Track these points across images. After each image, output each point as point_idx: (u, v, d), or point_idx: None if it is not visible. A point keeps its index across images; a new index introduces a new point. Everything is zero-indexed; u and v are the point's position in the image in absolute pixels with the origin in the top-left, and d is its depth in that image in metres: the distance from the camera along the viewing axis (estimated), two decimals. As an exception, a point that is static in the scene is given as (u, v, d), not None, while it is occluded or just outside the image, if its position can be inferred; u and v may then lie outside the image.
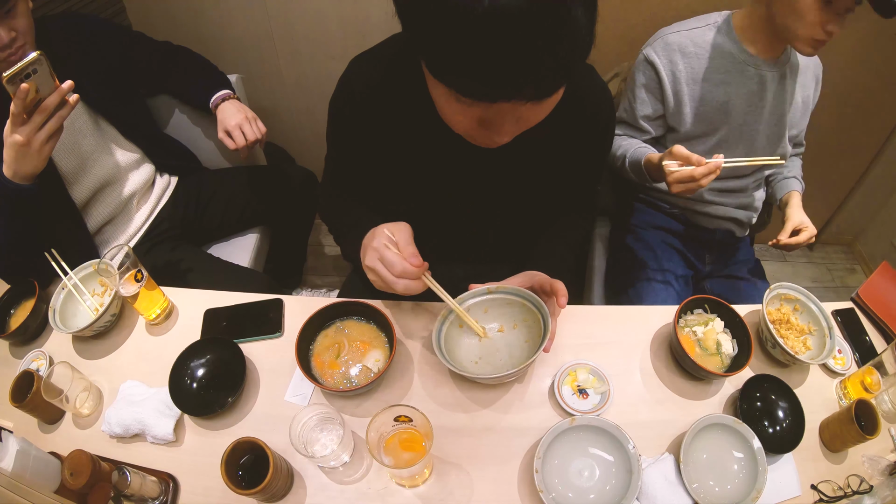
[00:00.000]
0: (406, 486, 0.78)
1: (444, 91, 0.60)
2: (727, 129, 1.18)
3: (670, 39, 1.15)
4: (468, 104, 0.59)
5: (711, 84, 1.14)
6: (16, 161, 0.87)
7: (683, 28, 1.15)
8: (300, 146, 2.04)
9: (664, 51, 1.15)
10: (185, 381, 0.86)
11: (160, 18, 1.70)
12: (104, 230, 1.24)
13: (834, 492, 0.80)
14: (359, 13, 1.63)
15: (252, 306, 0.98)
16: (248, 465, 0.74)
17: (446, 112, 0.66)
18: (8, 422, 0.85)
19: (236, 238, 1.51)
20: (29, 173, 0.89)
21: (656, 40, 1.17)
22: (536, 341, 0.83)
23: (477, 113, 0.62)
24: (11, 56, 0.99)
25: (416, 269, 0.74)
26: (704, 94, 1.15)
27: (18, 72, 0.78)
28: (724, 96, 1.15)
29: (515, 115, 0.62)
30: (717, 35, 1.13)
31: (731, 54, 1.12)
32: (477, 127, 0.66)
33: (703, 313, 0.95)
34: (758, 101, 1.16)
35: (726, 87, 1.14)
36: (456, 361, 0.83)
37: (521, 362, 0.83)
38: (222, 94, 1.29)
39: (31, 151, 0.86)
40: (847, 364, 0.95)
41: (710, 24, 1.14)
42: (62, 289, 0.96)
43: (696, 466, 0.79)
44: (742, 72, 1.13)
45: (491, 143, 0.69)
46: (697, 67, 1.14)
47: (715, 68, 1.13)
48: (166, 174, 1.40)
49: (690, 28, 1.15)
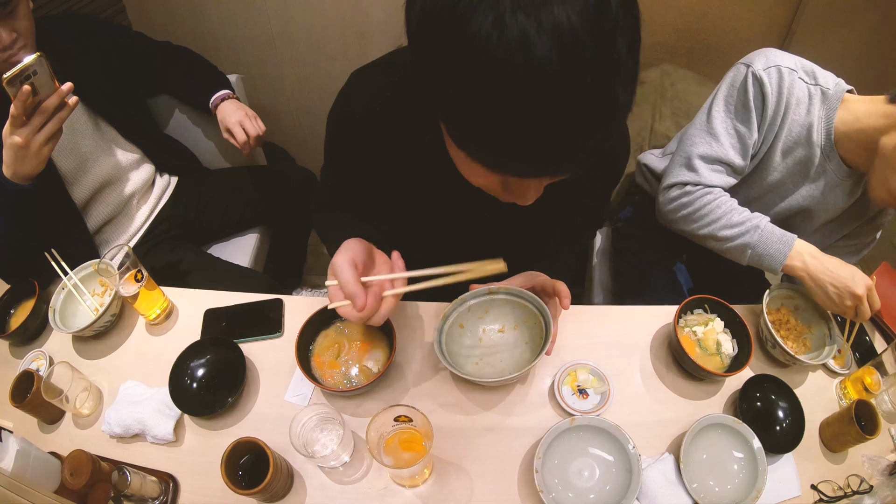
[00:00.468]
0: (406, 486, 0.78)
1: (465, 155, 0.52)
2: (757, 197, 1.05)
3: (784, 76, 0.93)
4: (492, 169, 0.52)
5: (780, 146, 0.97)
6: (15, 162, 0.87)
7: (797, 72, 0.94)
8: (300, 146, 2.04)
9: (777, 84, 0.93)
10: (185, 381, 0.86)
11: (160, 18, 1.70)
12: (104, 230, 1.24)
13: (834, 492, 0.80)
14: (359, 13, 1.63)
15: (252, 306, 0.98)
16: (248, 465, 0.74)
17: (464, 170, 0.59)
18: (8, 422, 0.85)
19: (236, 238, 1.51)
20: (28, 174, 0.89)
21: (771, 67, 0.93)
22: (537, 342, 0.83)
23: (501, 179, 0.57)
24: (12, 57, 0.99)
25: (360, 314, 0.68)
26: (771, 155, 0.98)
27: (18, 73, 0.77)
28: (782, 167, 0.99)
29: (543, 182, 0.57)
30: (818, 104, 0.94)
31: (817, 132, 0.95)
32: (500, 188, 0.60)
33: (703, 313, 0.95)
34: (801, 193, 1.02)
35: (787, 160, 0.99)
36: (457, 363, 0.83)
37: (523, 363, 0.84)
38: (221, 94, 1.30)
39: (30, 153, 0.86)
40: (847, 364, 0.95)
41: (819, 87, 0.94)
42: (62, 289, 0.96)
43: (696, 466, 0.79)
44: (811, 156, 0.97)
45: (511, 201, 0.62)
46: (786, 123, 0.96)
47: (794, 136, 0.96)
48: (166, 174, 1.40)
49: (801, 78, 0.94)
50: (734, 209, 0.99)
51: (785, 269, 0.94)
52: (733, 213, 0.98)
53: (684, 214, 1.02)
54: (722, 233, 0.98)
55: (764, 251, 0.95)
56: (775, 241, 0.95)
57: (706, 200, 0.99)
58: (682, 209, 1.02)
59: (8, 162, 0.88)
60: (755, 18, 1.63)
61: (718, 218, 0.98)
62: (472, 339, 0.88)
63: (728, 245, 0.99)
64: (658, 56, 1.71)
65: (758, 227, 0.96)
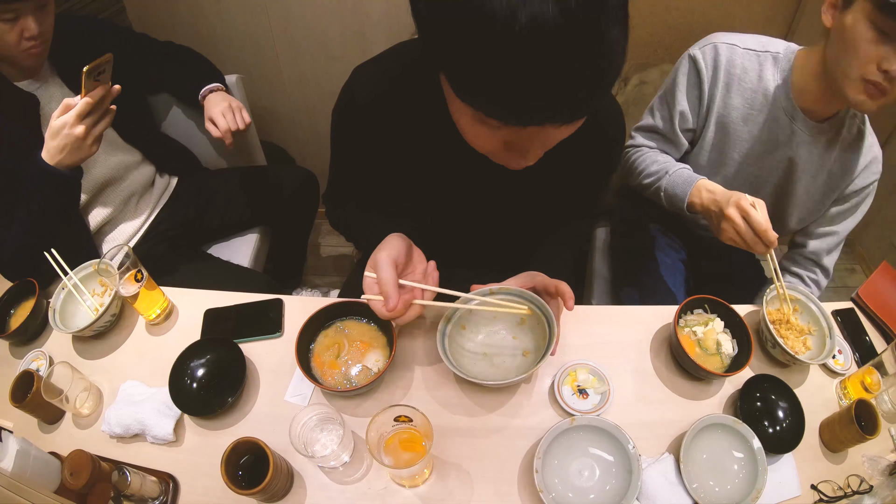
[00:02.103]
0: (406, 486, 0.78)
1: (468, 112, 0.57)
2: (734, 172, 1.10)
3: (721, 50, 1.01)
4: (495, 127, 0.56)
5: (739, 116, 1.04)
6: (66, 153, 0.92)
7: (739, 45, 1.01)
8: (300, 146, 2.04)
9: (712, 59, 1.02)
10: (185, 381, 0.86)
11: (160, 19, 1.70)
12: (104, 230, 1.24)
13: (834, 492, 0.80)
14: (359, 13, 1.63)
15: (252, 306, 0.98)
16: (248, 465, 0.74)
17: (469, 134, 0.63)
18: (8, 422, 0.85)
19: (236, 238, 1.51)
20: (70, 165, 0.95)
21: (707, 45, 1.03)
22: (540, 343, 0.83)
23: (504, 136, 0.60)
24: (33, 49, 1.01)
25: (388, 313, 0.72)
26: (728, 125, 1.05)
27: (96, 66, 0.84)
28: (747, 135, 1.04)
29: (544, 137, 0.59)
30: (770, 69, 1.00)
31: (774, 95, 1.00)
32: (502, 149, 0.63)
33: (703, 313, 0.95)
34: (775, 157, 1.05)
35: (750, 127, 1.04)
36: (460, 364, 0.83)
37: (526, 364, 0.83)
38: (210, 87, 1.31)
39: (84, 145, 0.92)
40: (847, 364, 0.95)
41: (769, 53, 1.00)
42: (62, 289, 0.96)
43: (696, 466, 0.79)
44: (776, 119, 1.01)
45: (515, 166, 0.66)
46: (733, 93, 1.03)
47: (749, 102, 1.02)
48: (166, 174, 1.40)
49: (746, 48, 1.01)
50: (655, 160, 1.10)
51: (688, 208, 1.01)
52: (654, 163, 1.10)
53: (625, 172, 1.18)
54: (646, 181, 1.10)
55: (672, 192, 1.04)
56: (681, 182, 1.03)
57: (637, 156, 1.14)
58: (623, 167, 1.19)
59: (55, 152, 0.92)
60: (755, 18, 1.63)
61: (644, 169, 1.11)
62: (474, 341, 0.88)
63: (650, 191, 1.10)
64: (658, 56, 1.71)
65: (667, 171, 1.06)
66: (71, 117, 0.88)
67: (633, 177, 1.15)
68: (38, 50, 1.02)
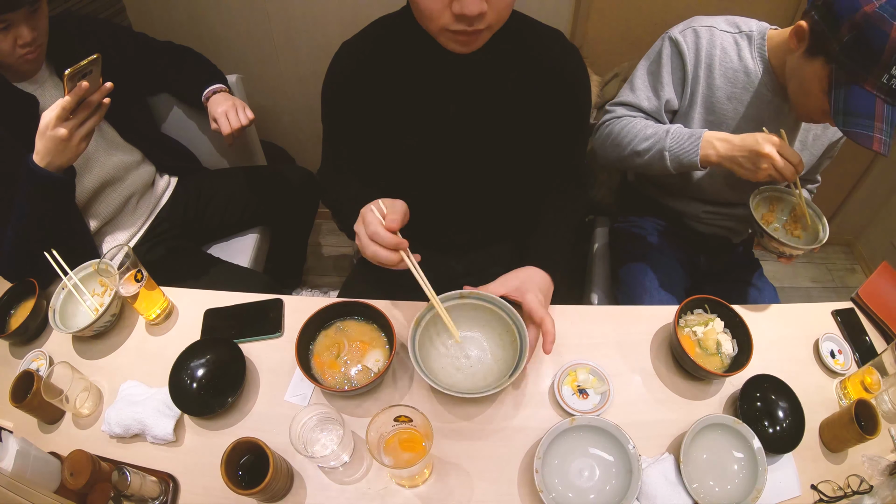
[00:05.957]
0: (406, 486, 0.78)
1: None
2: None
3: (701, 34, 1.05)
4: None
5: (723, 95, 1.06)
6: (53, 154, 0.91)
7: (717, 27, 1.05)
8: (300, 146, 2.04)
9: (693, 41, 1.05)
10: (185, 381, 0.86)
11: (160, 19, 1.70)
12: (104, 230, 1.24)
13: (834, 492, 0.80)
14: (359, 13, 1.64)
15: (252, 306, 0.98)
16: (248, 465, 0.74)
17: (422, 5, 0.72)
18: (8, 422, 0.85)
19: (236, 238, 1.51)
20: (62, 166, 0.94)
21: (687, 29, 1.06)
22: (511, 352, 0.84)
23: None
24: (28, 56, 1.01)
25: (390, 237, 0.76)
26: (714, 104, 1.07)
27: (79, 69, 0.82)
28: (733, 113, 1.07)
29: None
30: (747, 48, 1.04)
31: (755, 74, 1.04)
32: (450, 15, 0.71)
33: (703, 313, 0.95)
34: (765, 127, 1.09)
35: (735, 105, 1.06)
36: (432, 369, 0.83)
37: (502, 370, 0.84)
38: (213, 88, 1.31)
39: (70, 146, 0.90)
40: (847, 364, 0.95)
41: (744, 33, 1.05)
42: (62, 289, 0.96)
43: (696, 466, 0.79)
44: (760, 96, 1.05)
45: (467, 41, 0.74)
46: (715, 74, 1.06)
47: (732, 81, 1.05)
48: (166, 174, 1.40)
49: (723, 30, 1.05)
50: (647, 125, 1.08)
51: (702, 161, 1.00)
52: (647, 127, 1.07)
53: (609, 143, 1.13)
54: (641, 146, 1.06)
55: (679, 150, 1.02)
56: (686, 138, 1.01)
57: (622, 124, 1.10)
58: (606, 140, 1.13)
59: (44, 153, 0.91)
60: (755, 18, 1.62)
61: (635, 135, 1.07)
62: (445, 346, 0.88)
63: (648, 156, 1.06)
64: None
65: (668, 131, 1.03)
66: (52, 120, 0.87)
67: (622, 147, 1.10)
68: (33, 56, 1.02)
